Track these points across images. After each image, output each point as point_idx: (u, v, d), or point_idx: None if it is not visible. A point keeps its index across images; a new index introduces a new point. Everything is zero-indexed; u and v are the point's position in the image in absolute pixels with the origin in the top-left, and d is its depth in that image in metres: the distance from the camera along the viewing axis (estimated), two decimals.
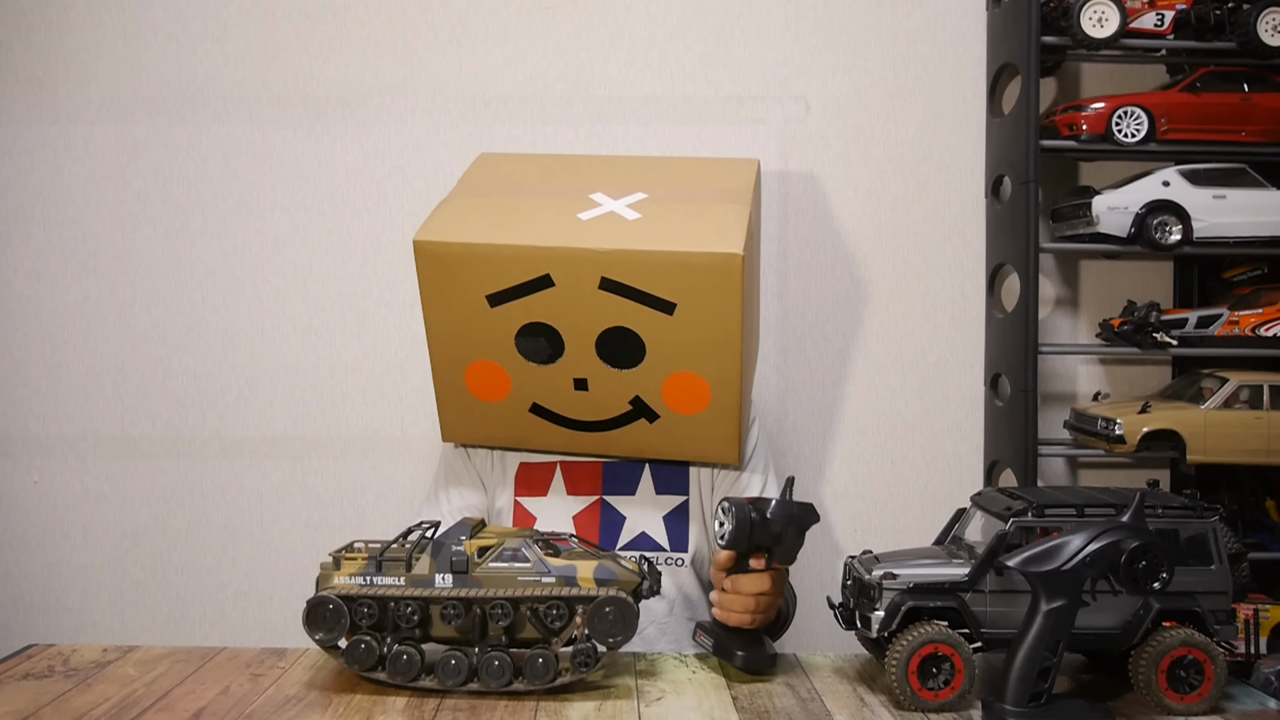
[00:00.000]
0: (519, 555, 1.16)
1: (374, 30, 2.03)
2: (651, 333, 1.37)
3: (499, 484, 1.56)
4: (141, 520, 2.07)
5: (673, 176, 1.53)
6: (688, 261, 1.31)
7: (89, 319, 2.06)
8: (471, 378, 1.44)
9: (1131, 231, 1.86)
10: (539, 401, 1.45)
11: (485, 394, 1.45)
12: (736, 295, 1.33)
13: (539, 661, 1.15)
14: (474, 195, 1.47)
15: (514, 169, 1.57)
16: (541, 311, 1.37)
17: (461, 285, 1.37)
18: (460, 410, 1.49)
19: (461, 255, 1.35)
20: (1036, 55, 1.84)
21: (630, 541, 1.51)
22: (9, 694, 1.18)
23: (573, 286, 1.34)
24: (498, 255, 1.35)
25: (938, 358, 2.07)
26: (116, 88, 2.03)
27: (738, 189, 1.49)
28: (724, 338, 1.36)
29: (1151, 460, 2.00)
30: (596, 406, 1.44)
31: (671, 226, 1.38)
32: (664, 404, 1.43)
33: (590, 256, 1.33)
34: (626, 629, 1.15)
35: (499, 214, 1.42)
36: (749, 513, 1.22)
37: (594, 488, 1.53)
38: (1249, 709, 1.15)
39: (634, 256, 1.32)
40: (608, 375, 1.41)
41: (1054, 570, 1.04)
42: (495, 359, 1.42)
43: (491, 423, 1.49)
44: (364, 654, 1.16)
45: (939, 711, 1.11)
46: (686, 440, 1.47)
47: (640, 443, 1.48)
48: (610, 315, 1.36)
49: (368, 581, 1.17)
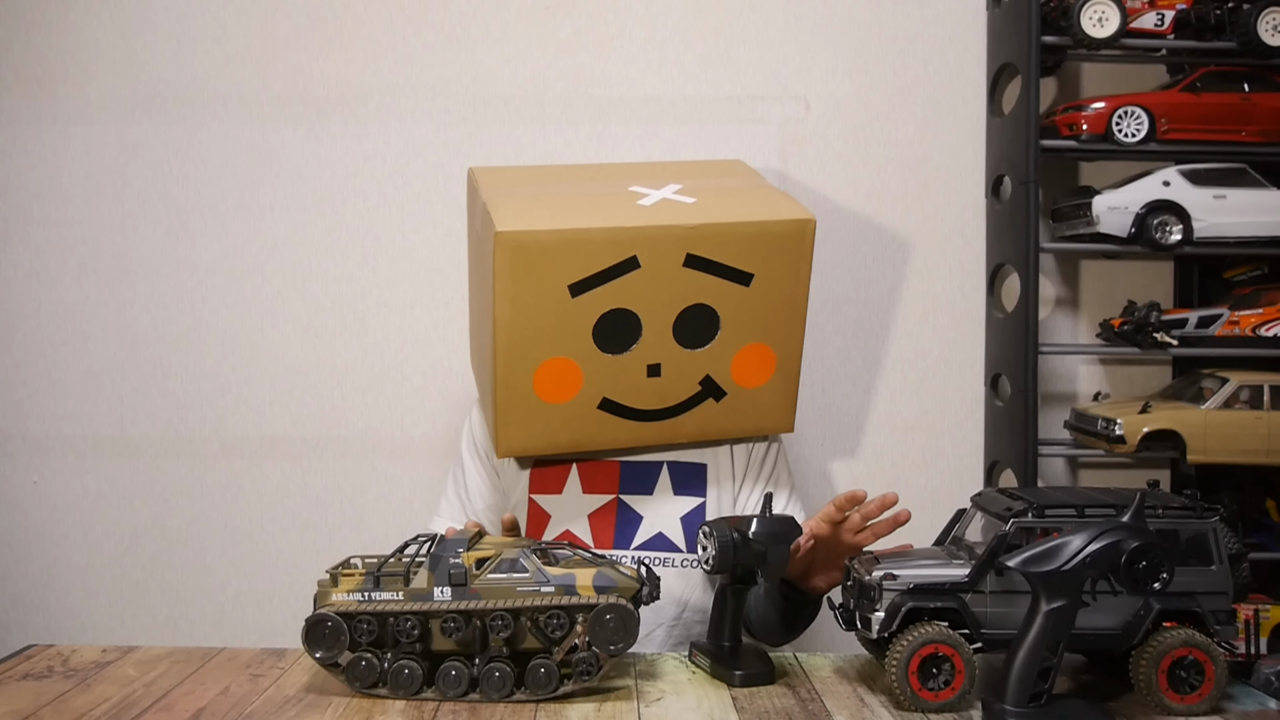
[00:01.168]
0: (517, 566, 1.15)
1: (374, 30, 2.03)
2: (727, 306, 1.40)
3: (514, 483, 1.56)
4: (141, 520, 2.07)
5: (681, 173, 1.55)
6: (769, 230, 1.37)
7: (89, 319, 2.06)
8: (541, 379, 1.40)
9: (1132, 231, 1.86)
10: (609, 395, 1.44)
11: (553, 395, 1.42)
12: (808, 260, 1.42)
13: (540, 671, 1.14)
14: (514, 196, 1.42)
15: (523, 175, 1.55)
16: (623, 296, 1.37)
17: (544, 276, 1.34)
18: (523, 418, 1.44)
19: (549, 243, 1.32)
20: (1036, 55, 1.84)
21: (646, 542, 1.50)
22: (9, 694, 1.18)
23: (658, 266, 1.36)
24: (587, 239, 1.33)
25: (938, 358, 2.07)
26: (116, 88, 2.03)
27: (752, 176, 1.55)
28: (793, 305, 1.44)
29: (1152, 460, 2.00)
30: (667, 392, 1.45)
31: (735, 204, 1.42)
32: (732, 379, 1.46)
33: (678, 233, 1.35)
34: (628, 635, 1.14)
35: (562, 205, 1.40)
36: (730, 535, 1.21)
37: (611, 486, 1.53)
38: (1249, 709, 1.15)
39: (720, 229, 1.36)
40: (681, 357, 1.42)
41: (1054, 570, 1.04)
42: (569, 354, 1.39)
43: (556, 427, 1.45)
44: (364, 671, 1.15)
45: (939, 712, 1.11)
46: (749, 414, 1.50)
47: (705, 424, 1.49)
48: (690, 293, 1.39)
49: (366, 597, 1.16)
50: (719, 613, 1.28)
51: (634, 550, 1.49)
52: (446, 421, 2.03)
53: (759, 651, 1.27)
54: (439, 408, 2.05)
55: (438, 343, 2.04)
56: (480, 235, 1.43)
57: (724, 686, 1.21)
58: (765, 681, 1.22)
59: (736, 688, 1.20)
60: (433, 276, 2.03)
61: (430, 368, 2.05)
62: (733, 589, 1.27)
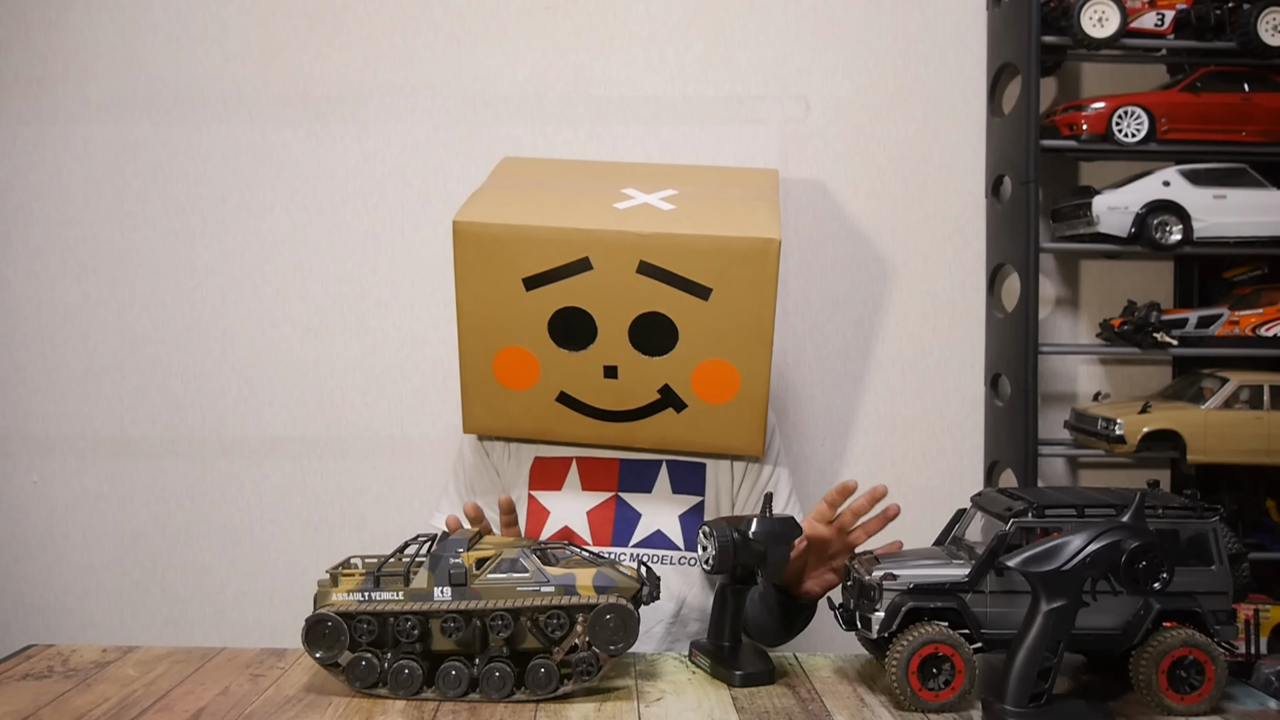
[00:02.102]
0: (517, 566, 1.16)
1: (374, 30, 2.03)
2: (685, 318, 1.40)
3: (514, 478, 1.56)
4: (141, 520, 2.07)
5: (699, 178, 1.57)
6: (726, 246, 1.36)
7: (89, 319, 2.06)
8: (500, 365, 1.45)
9: (1132, 231, 1.86)
10: (566, 390, 1.46)
11: (512, 382, 1.46)
12: (772, 282, 1.38)
13: (541, 671, 1.14)
14: (506, 188, 1.50)
15: (540, 169, 1.62)
16: (577, 296, 1.39)
17: (498, 268, 1.38)
18: (485, 400, 1.49)
19: (501, 236, 1.37)
20: (1037, 55, 1.84)
21: (644, 539, 1.50)
22: (9, 694, 1.18)
23: (611, 270, 1.37)
24: (538, 237, 1.37)
25: (938, 358, 2.07)
26: (116, 88, 2.03)
27: (764, 189, 1.54)
28: (756, 325, 1.41)
29: (1152, 460, 2.00)
30: (625, 395, 1.46)
31: (708, 215, 1.42)
32: (693, 393, 1.45)
33: (630, 240, 1.36)
34: (628, 635, 1.14)
35: (535, 202, 1.45)
36: (730, 535, 1.21)
37: (610, 484, 1.53)
38: (1249, 709, 1.15)
39: (673, 240, 1.37)
40: (638, 363, 1.43)
41: (1054, 570, 1.04)
42: (526, 345, 1.43)
43: (516, 413, 1.49)
44: (364, 671, 1.15)
45: (939, 712, 1.11)
46: (712, 431, 1.49)
47: (665, 434, 1.49)
48: (646, 300, 1.39)
49: (366, 597, 1.16)
50: (719, 613, 1.28)
51: (632, 548, 1.50)
52: (446, 421, 2.03)
53: (759, 651, 1.27)
54: (439, 408, 2.05)
55: (438, 343, 2.04)
56: None
57: (724, 686, 1.21)
58: (765, 681, 1.22)
59: (737, 688, 1.20)
60: (433, 276, 2.03)
61: (430, 368, 2.05)
62: (733, 589, 1.27)
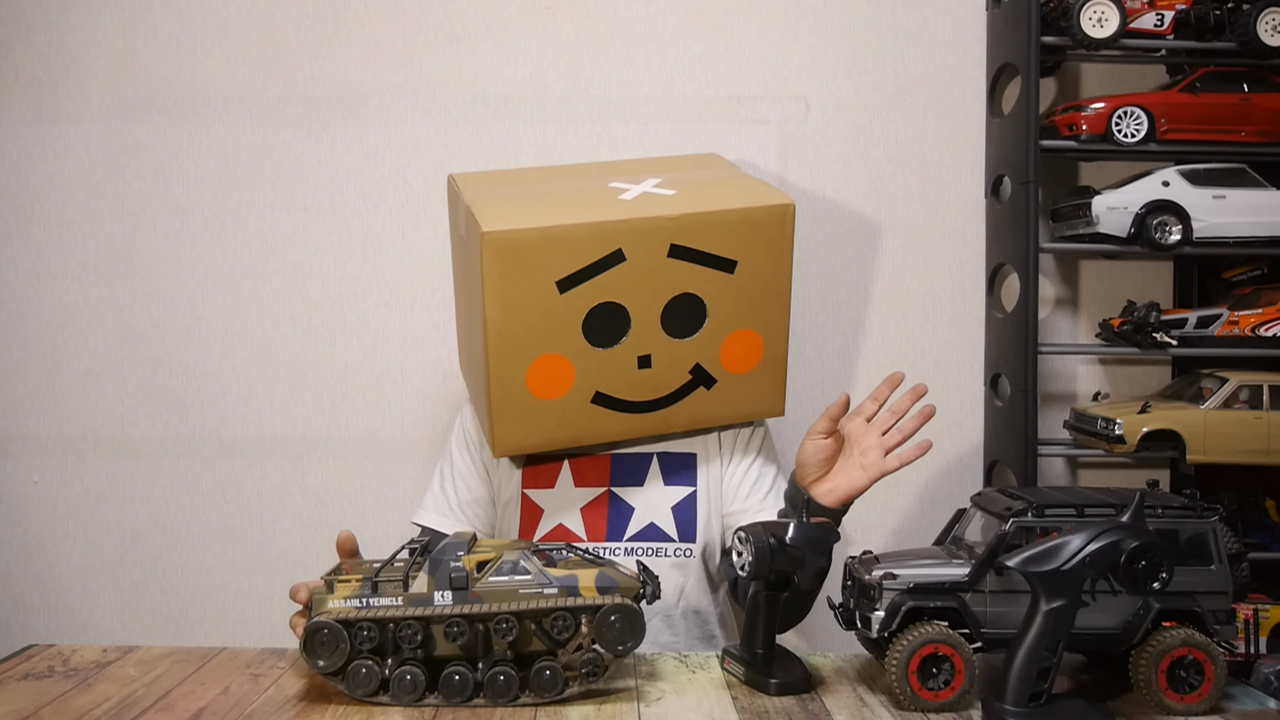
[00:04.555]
0: (519, 568, 1.14)
1: (374, 30, 2.03)
2: (713, 294, 1.43)
3: (505, 477, 1.56)
4: (141, 520, 2.08)
5: (658, 168, 1.57)
6: (749, 217, 1.40)
7: (89, 319, 2.06)
8: (533, 376, 1.41)
9: (1131, 231, 1.87)
10: (602, 389, 1.45)
11: (546, 392, 1.43)
12: (789, 245, 1.44)
13: (546, 674, 1.13)
14: (496, 198, 1.44)
15: (504, 179, 1.55)
16: (610, 290, 1.38)
17: (530, 274, 1.35)
18: (518, 417, 1.44)
19: (535, 241, 1.34)
20: (1036, 55, 1.85)
21: (639, 532, 1.50)
22: (9, 694, 1.18)
23: (643, 259, 1.38)
24: (572, 235, 1.35)
25: (938, 358, 2.08)
26: (116, 88, 2.03)
27: (728, 167, 1.58)
28: (776, 289, 1.46)
29: (1151, 460, 2.00)
30: (659, 383, 1.46)
31: (711, 193, 1.44)
32: (721, 366, 1.48)
33: (662, 224, 1.37)
34: (635, 635, 1.14)
35: (544, 203, 1.42)
36: (767, 540, 1.17)
37: (602, 479, 1.53)
38: (1249, 709, 1.15)
39: (702, 219, 1.39)
40: (671, 347, 1.44)
41: (1054, 570, 1.04)
42: (560, 350, 1.41)
43: (550, 423, 1.46)
44: (365, 679, 1.13)
45: (939, 711, 1.11)
46: (739, 400, 1.52)
47: (697, 413, 1.51)
48: (676, 283, 1.41)
49: (364, 604, 1.14)
50: (752, 620, 1.24)
51: (627, 542, 1.50)
52: (446, 421, 2.02)
53: (794, 659, 1.24)
54: (439, 408, 2.05)
55: (438, 343, 2.04)
56: (465, 239, 1.44)
57: (724, 686, 1.21)
58: (803, 690, 1.18)
59: (772, 696, 1.17)
60: (433, 276, 2.03)
61: (430, 368, 2.05)
62: (766, 595, 1.23)
